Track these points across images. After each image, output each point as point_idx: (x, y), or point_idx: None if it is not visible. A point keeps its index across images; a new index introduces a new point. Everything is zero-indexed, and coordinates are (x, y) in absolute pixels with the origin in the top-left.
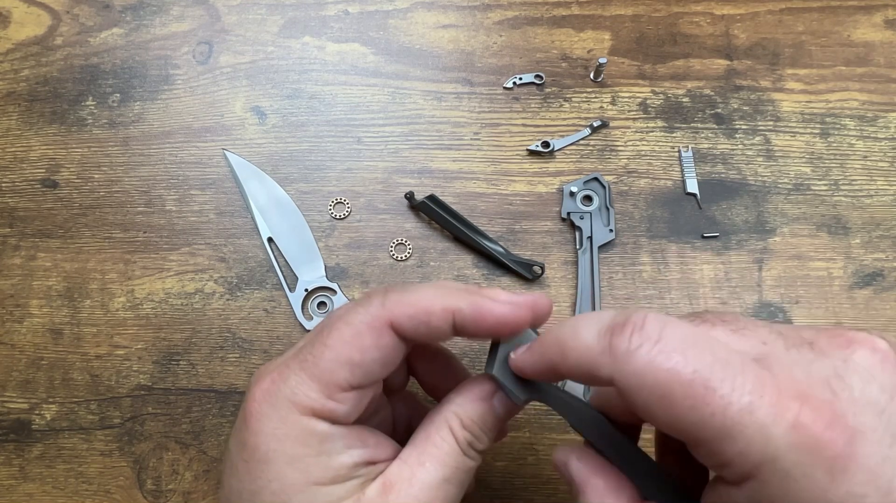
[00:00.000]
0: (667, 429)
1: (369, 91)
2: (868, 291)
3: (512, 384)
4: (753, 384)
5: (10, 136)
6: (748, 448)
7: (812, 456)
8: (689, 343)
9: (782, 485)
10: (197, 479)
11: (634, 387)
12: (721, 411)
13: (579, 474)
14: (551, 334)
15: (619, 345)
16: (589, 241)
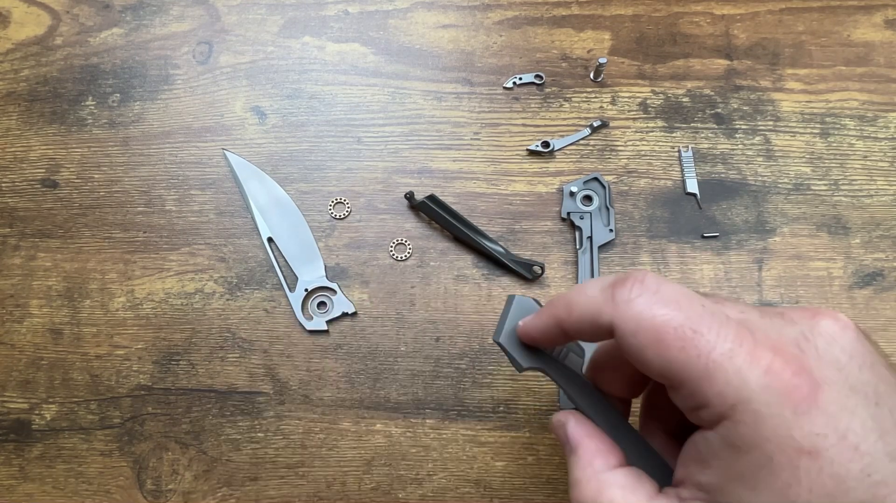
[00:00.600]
0: (656, 370)
1: (369, 91)
2: (868, 291)
3: (516, 352)
4: (735, 335)
5: (10, 136)
6: (726, 388)
7: (781, 397)
8: (682, 297)
9: (753, 423)
10: (197, 479)
11: (632, 330)
12: (706, 353)
13: (575, 435)
14: (557, 297)
15: (620, 295)
16: (589, 241)
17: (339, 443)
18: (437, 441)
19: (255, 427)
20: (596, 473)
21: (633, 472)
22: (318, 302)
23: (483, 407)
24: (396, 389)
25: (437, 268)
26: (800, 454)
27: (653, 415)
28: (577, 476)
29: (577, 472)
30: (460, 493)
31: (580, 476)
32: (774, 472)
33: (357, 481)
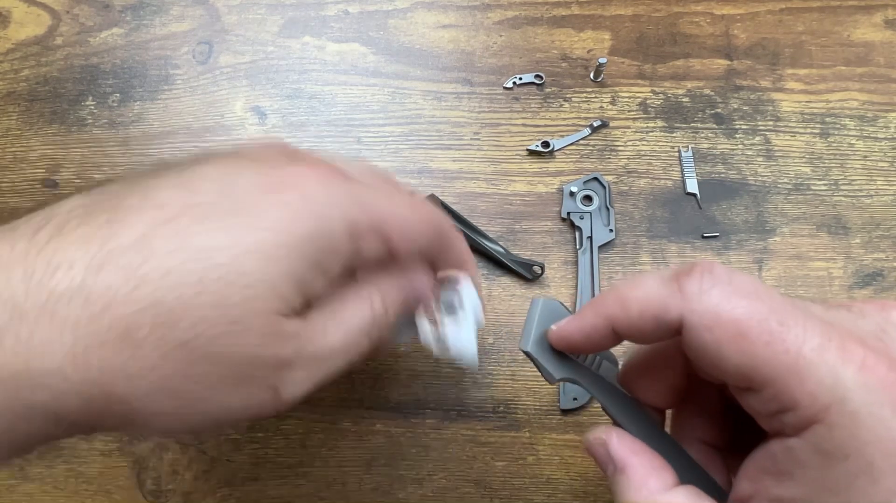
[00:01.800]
0: (735, 369)
1: (369, 91)
2: (868, 291)
3: (548, 361)
4: (821, 329)
5: (10, 136)
6: (818, 387)
7: (880, 395)
8: (760, 287)
9: (850, 425)
10: (197, 479)
11: (708, 324)
12: (796, 349)
13: (620, 453)
14: (606, 293)
15: (690, 286)
16: (589, 241)
17: (339, 443)
18: (437, 441)
19: (255, 427)
20: (653, 494)
21: (692, 491)
22: None
23: (483, 407)
24: (396, 389)
25: None
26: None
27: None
28: (629, 499)
29: (629, 495)
30: (460, 493)
31: (634, 499)
32: (876, 480)
33: (357, 481)
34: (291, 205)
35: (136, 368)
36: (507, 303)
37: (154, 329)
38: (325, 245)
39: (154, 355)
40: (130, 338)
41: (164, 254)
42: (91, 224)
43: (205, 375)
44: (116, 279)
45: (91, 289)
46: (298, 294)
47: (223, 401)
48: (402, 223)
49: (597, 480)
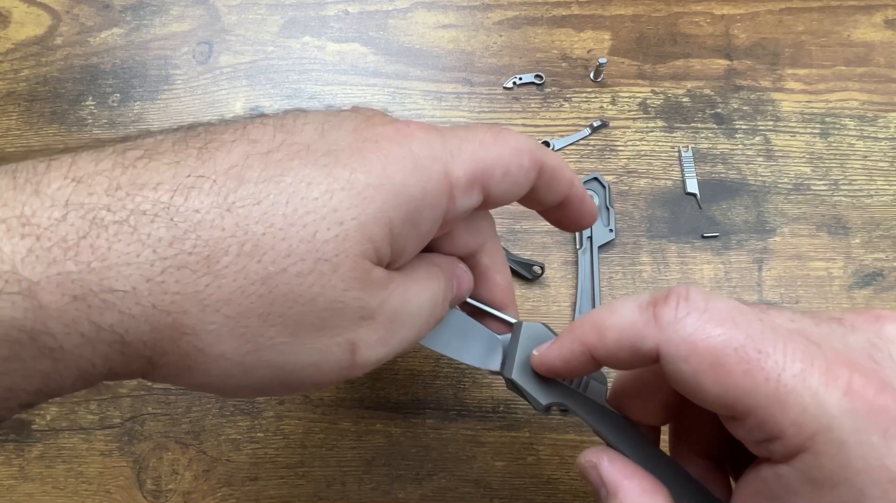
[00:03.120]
0: (714, 400)
1: (369, 91)
2: (868, 291)
3: (533, 388)
4: (803, 352)
5: (10, 136)
6: (802, 416)
7: (867, 422)
8: (736, 312)
9: (838, 454)
10: (197, 479)
11: (684, 354)
12: (776, 376)
13: (611, 477)
14: (583, 319)
15: (665, 315)
16: (589, 241)
17: (339, 443)
18: (437, 441)
19: (255, 427)
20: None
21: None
22: None
23: (483, 407)
24: (396, 389)
25: None
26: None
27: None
28: None
29: None
30: (460, 493)
31: None
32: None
33: (357, 481)
34: (391, 154)
35: (213, 299)
36: None
37: (238, 258)
38: (421, 198)
39: (234, 286)
40: (212, 264)
41: (256, 184)
42: (183, 151)
43: (283, 317)
44: (205, 203)
45: (177, 209)
46: (389, 242)
47: (296, 352)
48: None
49: None
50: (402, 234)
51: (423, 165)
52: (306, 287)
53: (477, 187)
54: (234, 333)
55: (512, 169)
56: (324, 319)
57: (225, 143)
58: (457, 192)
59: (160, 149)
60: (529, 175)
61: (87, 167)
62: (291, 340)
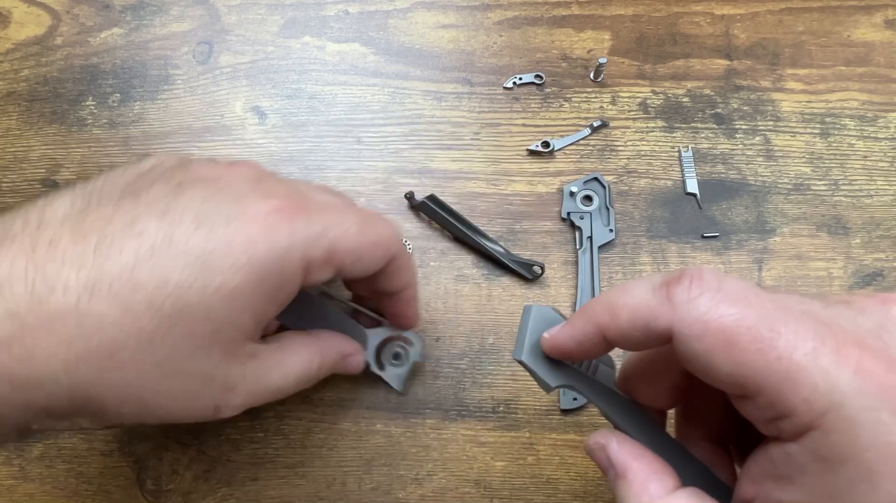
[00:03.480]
0: (726, 378)
1: (369, 91)
2: (868, 291)
3: (543, 370)
4: (814, 332)
5: (10, 136)
6: (814, 394)
7: (877, 400)
8: (750, 292)
9: (848, 431)
10: (197, 479)
11: (697, 333)
12: (788, 355)
13: (620, 458)
14: (596, 301)
15: (678, 295)
16: (589, 241)
17: (339, 443)
18: (437, 441)
19: (255, 427)
20: (653, 499)
21: (694, 493)
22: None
23: (483, 407)
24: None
25: (437, 268)
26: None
27: (693, 422)
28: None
29: (629, 500)
30: (460, 493)
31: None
32: (876, 485)
33: (357, 481)
34: (254, 244)
35: (116, 381)
36: (508, 303)
37: (136, 352)
38: (280, 281)
39: (133, 372)
40: (115, 357)
41: (149, 289)
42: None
43: (169, 390)
44: (104, 306)
45: (84, 312)
46: (255, 323)
47: (175, 411)
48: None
49: (597, 480)
50: (265, 312)
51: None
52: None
53: (331, 266)
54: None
55: (364, 258)
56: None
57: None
58: (312, 271)
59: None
60: (378, 264)
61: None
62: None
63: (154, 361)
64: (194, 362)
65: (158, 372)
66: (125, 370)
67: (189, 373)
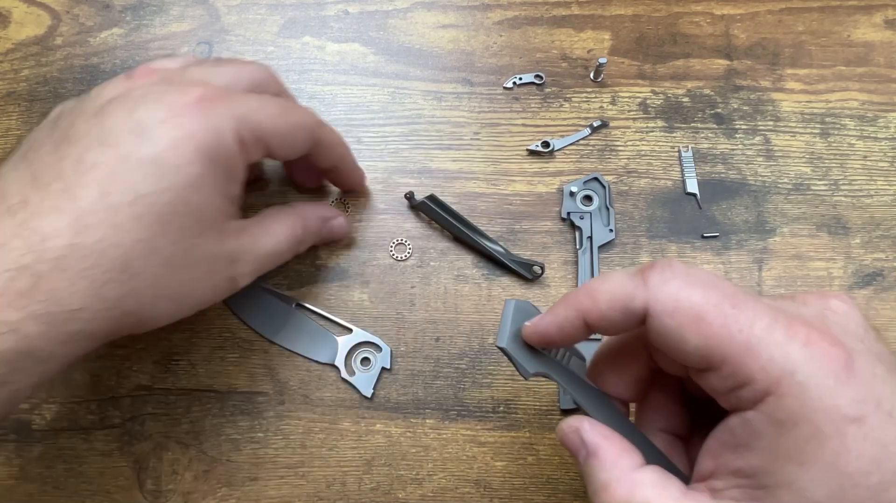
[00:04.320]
0: (694, 350)
1: (369, 91)
2: (868, 291)
3: (522, 357)
4: (768, 311)
5: (10, 136)
6: (770, 363)
7: (823, 367)
8: (713, 278)
9: (799, 395)
10: (197, 479)
11: (669, 310)
12: (748, 328)
13: (592, 438)
14: (576, 290)
15: (652, 278)
16: (589, 241)
17: (339, 443)
18: (437, 441)
19: (255, 427)
20: (625, 473)
21: (659, 470)
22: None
23: (483, 407)
24: (396, 389)
25: (437, 268)
26: (846, 422)
27: (651, 415)
28: (603, 478)
29: (602, 474)
30: (460, 493)
31: (607, 477)
32: (823, 443)
33: (357, 481)
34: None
35: (139, 288)
36: None
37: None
38: (227, 159)
39: (150, 275)
40: (128, 270)
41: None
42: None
43: (187, 278)
44: (97, 235)
45: (83, 245)
46: (228, 202)
47: (201, 294)
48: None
49: None
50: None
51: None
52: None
53: (261, 146)
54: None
55: (288, 139)
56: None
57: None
58: (246, 149)
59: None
60: (304, 146)
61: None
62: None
63: (162, 261)
64: (195, 249)
65: (171, 267)
66: (142, 277)
67: (196, 259)
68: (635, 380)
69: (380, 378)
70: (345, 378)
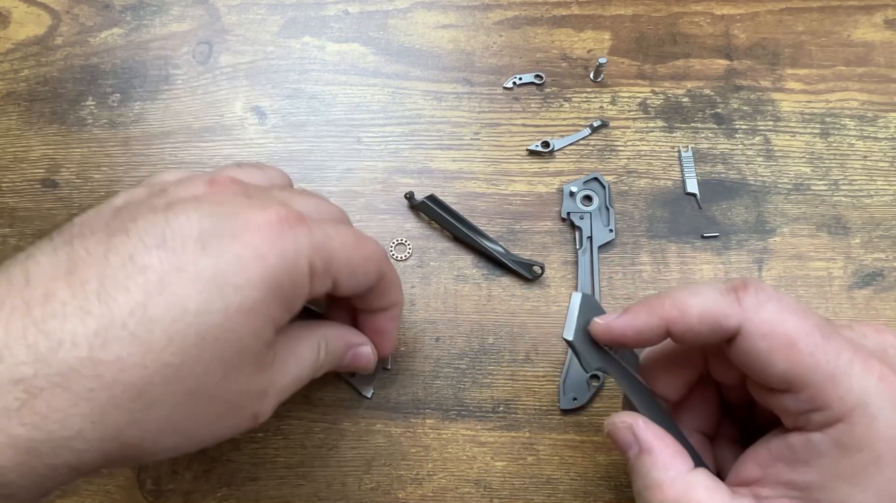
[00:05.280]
0: (780, 373)
1: (369, 91)
2: (868, 291)
3: (587, 351)
4: (848, 345)
5: (10, 136)
6: (849, 392)
7: (892, 402)
8: (802, 306)
9: (868, 425)
10: (197, 479)
11: (764, 333)
12: (834, 359)
13: (646, 436)
14: (661, 298)
15: (748, 299)
16: (589, 241)
17: (339, 443)
18: (437, 441)
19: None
20: (680, 474)
21: (709, 473)
22: None
23: (483, 407)
24: (396, 389)
25: (437, 268)
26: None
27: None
28: (657, 477)
29: (655, 474)
30: (460, 493)
31: (661, 477)
32: (882, 469)
33: (357, 481)
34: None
35: (149, 420)
36: (508, 303)
37: (165, 387)
38: (293, 288)
39: (166, 407)
40: (143, 398)
41: (167, 322)
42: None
43: (206, 415)
44: (121, 351)
45: (100, 361)
46: (275, 332)
47: (217, 431)
48: (349, 263)
49: (597, 480)
50: (281, 319)
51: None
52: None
53: (329, 276)
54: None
55: (358, 271)
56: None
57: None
58: (315, 279)
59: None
60: (370, 280)
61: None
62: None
63: (186, 391)
64: (227, 383)
65: (193, 401)
66: (157, 408)
67: (223, 393)
68: (685, 383)
69: (379, 378)
70: (344, 378)
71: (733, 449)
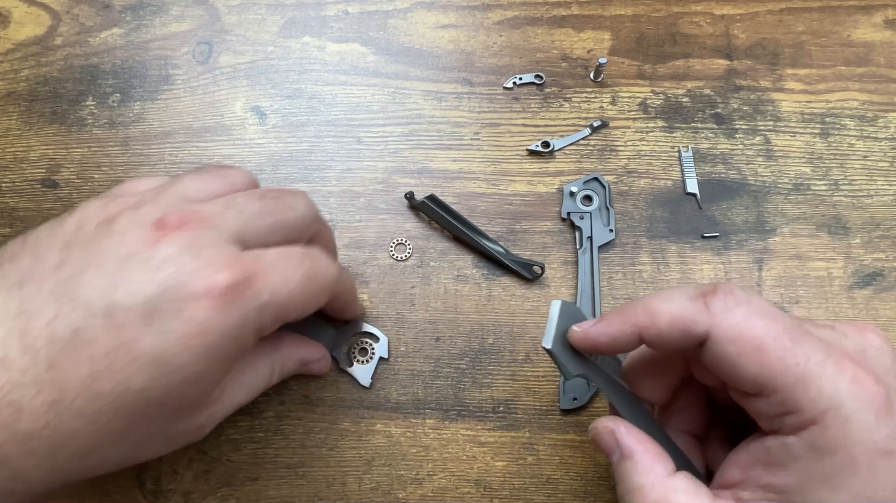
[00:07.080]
0: (750, 378)
1: (369, 91)
2: (868, 291)
3: (566, 359)
4: (820, 346)
5: (10, 136)
6: (820, 395)
7: (866, 404)
8: (773, 309)
9: (841, 428)
10: (197, 479)
11: (732, 338)
12: (804, 362)
13: (628, 441)
14: (633, 305)
15: (716, 304)
16: (589, 241)
17: (339, 443)
18: (437, 441)
19: (255, 427)
20: (660, 478)
21: (690, 476)
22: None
23: (483, 407)
24: (396, 389)
25: (437, 268)
26: (880, 455)
27: (676, 417)
28: (637, 481)
29: (636, 478)
30: (460, 493)
31: (642, 482)
32: (856, 472)
33: (357, 481)
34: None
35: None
36: (507, 303)
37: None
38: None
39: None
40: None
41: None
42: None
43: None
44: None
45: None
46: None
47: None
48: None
49: (597, 480)
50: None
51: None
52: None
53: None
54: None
55: (309, 306)
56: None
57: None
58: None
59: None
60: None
61: None
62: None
63: (133, 443)
64: (171, 429)
65: (138, 447)
66: (107, 458)
67: (167, 436)
68: (668, 386)
69: (378, 369)
70: (343, 368)
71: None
